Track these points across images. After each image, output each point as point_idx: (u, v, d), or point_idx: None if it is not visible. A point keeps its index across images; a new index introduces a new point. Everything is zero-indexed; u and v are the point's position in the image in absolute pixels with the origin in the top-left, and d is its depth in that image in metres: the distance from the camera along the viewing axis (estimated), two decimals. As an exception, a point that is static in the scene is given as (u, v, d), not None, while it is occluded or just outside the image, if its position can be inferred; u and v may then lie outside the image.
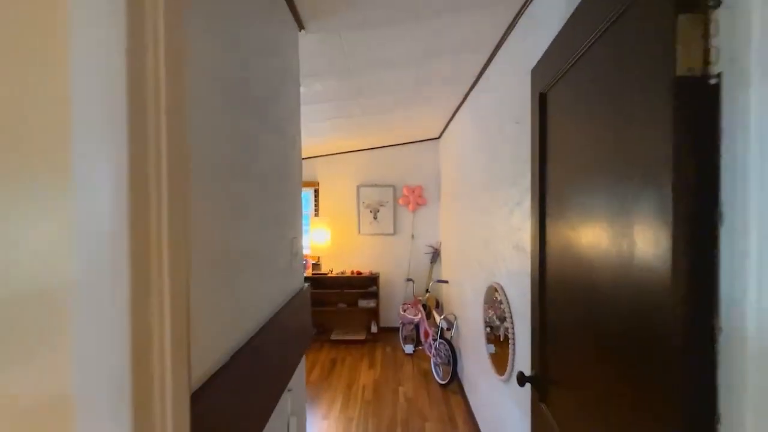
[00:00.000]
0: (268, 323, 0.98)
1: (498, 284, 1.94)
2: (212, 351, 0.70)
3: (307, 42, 1.60)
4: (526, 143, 1.57)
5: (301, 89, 2.17)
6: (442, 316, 3.34)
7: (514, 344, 1.71)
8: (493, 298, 1.99)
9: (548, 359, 1.17)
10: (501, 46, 1.87)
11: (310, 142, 3.79)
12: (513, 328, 1.72)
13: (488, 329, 2.11)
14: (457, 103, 2.92)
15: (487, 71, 2.16)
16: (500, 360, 1.89)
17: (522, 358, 1.62)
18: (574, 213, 0.96)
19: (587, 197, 0.89)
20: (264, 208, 1.00)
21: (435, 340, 3.33)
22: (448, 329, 3.27)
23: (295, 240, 1.30)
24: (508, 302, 1.79)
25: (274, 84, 1.11)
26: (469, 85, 2.48)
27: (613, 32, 0.75)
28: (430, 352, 3.41)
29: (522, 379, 1.24)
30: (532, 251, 1.26)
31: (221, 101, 0.77)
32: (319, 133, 3.40)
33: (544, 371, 1.20)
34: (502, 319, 1.84)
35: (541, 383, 1.21)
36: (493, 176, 2.09)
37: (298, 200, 1.37)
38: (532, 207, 1.27)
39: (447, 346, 3.19)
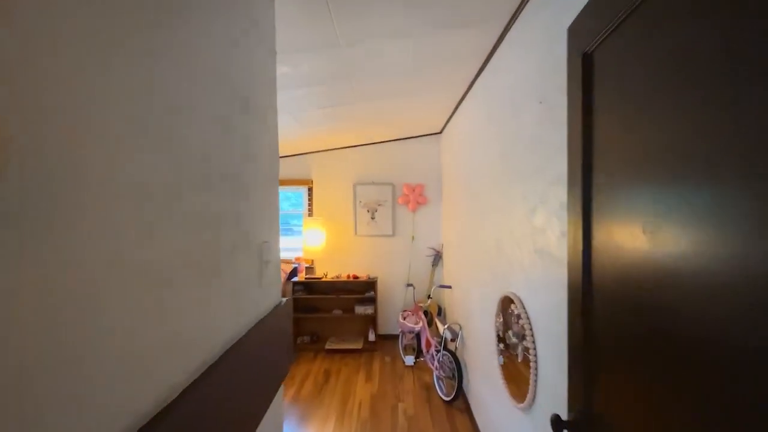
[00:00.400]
0: (217, 362, 0.70)
1: (514, 294, 1.66)
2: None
3: (286, 4, 1.32)
4: (553, 127, 1.30)
5: (286, 69, 1.89)
6: (445, 326, 3.06)
7: (536, 368, 1.43)
8: (508, 311, 1.71)
9: (595, 397, 0.89)
10: (519, 15, 1.59)
11: (302, 136, 3.51)
12: (535, 349, 1.44)
13: (501, 346, 1.83)
14: (463, 90, 2.64)
15: (500, 46, 1.88)
16: (518, 384, 1.61)
17: (548, 386, 1.34)
18: (643, 213, 0.69)
19: (672, 194, 0.61)
20: (214, 201, 0.72)
21: (438, 351, 3.04)
22: (453, 340, 2.99)
23: (266, 245, 1.01)
24: (528, 317, 1.51)
25: (233, 41, 0.83)
26: (479, 65, 2.20)
27: None
28: (433, 365, 3.12)
29: (558, 425, 0.96)
30: (571, 258, 0.99)
31: (133, 44, 0.49)
32: (310, 124, 3.12)
33: (589, 414, 0.92)
34: (521, 337, 1.56)
35: (586, 430, 0.93)
36: (508, 169, 1.81)
37: (271, 194, 1.08)
38: (570, 204, 0.99)
39: (451, 358, 2.90)
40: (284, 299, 1.19)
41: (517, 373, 1.61)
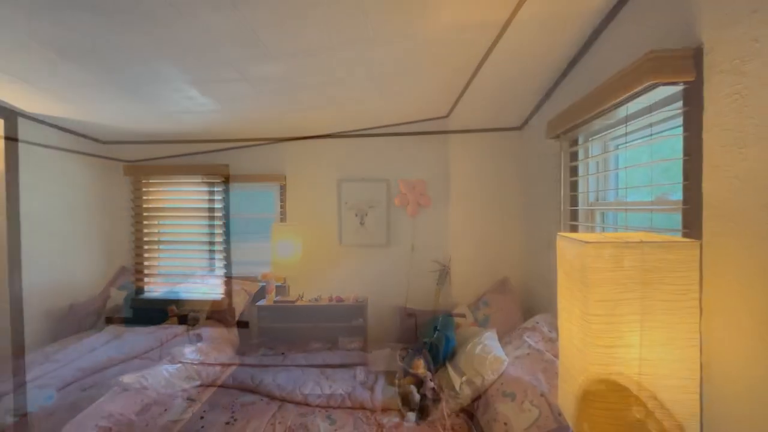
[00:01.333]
0: None
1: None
2: None
3: None
4: None
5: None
6: (463, 378, 2.16)
7: None
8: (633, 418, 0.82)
9: None
10: None
11: (264, 111, 2.64)
12: None
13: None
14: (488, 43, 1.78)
15: None
16: None
17: None
18: None
19: None
20: None
21: (452, 411, 2.15)
22: (475, 400, 2.09)
23: None
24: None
25: None
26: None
27: None
28: (443, 428, 2.22)
29: None
30: None
31: None
32: (270, 91, 2.24)
33: None
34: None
35: None
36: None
37: None
38: None
39: (470, 423, 2.01)
40: None
41: None
